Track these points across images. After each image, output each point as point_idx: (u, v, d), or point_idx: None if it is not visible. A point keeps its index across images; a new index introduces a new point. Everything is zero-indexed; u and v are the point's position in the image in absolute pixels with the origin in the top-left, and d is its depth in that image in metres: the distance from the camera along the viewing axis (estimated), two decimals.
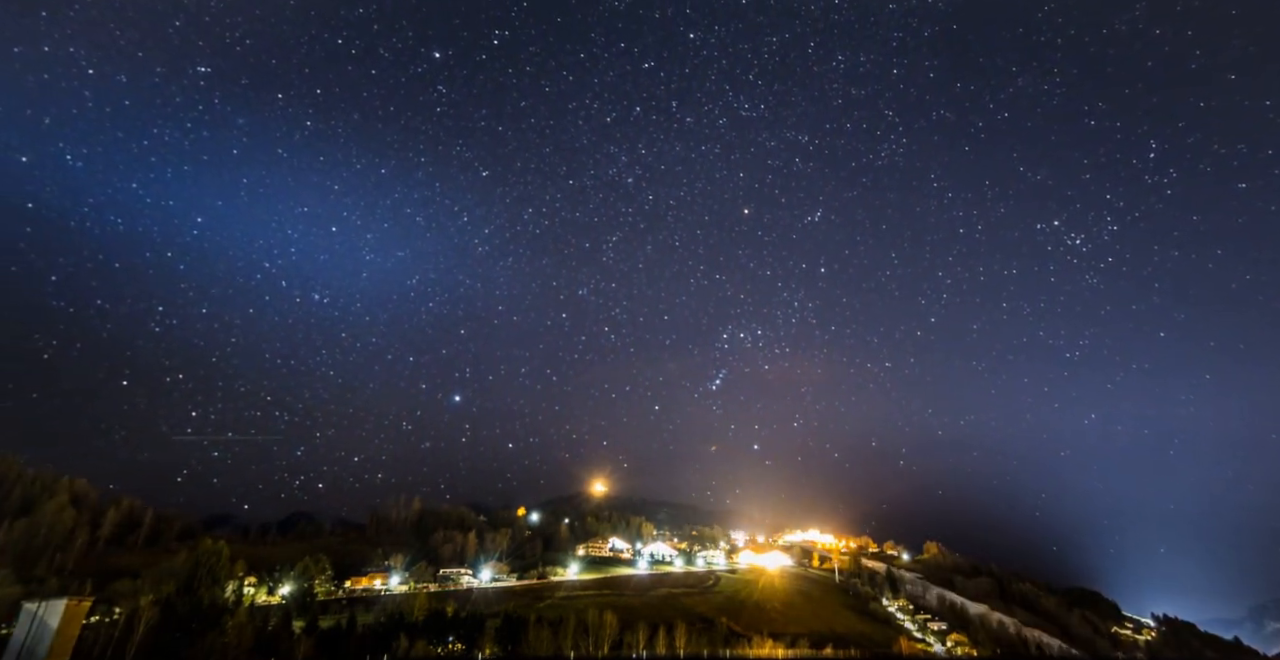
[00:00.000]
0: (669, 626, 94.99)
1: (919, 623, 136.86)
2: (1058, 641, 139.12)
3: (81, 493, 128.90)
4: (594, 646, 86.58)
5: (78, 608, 35.98)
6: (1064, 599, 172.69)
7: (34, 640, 34.12)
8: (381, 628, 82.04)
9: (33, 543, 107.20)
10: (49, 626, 34.30)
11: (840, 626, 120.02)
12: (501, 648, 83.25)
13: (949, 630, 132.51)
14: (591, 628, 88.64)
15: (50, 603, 35.44)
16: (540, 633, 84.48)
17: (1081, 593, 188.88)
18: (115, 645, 62.68)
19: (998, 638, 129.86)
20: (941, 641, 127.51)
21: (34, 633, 34.34)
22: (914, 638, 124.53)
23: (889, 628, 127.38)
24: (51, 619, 34.52)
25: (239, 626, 68.07)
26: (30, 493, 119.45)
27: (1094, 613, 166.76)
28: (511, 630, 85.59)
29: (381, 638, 78.53)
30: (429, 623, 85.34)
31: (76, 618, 36.10)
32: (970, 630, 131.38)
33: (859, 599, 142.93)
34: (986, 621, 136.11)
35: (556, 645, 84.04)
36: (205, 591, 67.05)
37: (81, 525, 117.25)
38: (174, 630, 63.78)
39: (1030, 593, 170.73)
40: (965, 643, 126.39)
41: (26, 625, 34.80)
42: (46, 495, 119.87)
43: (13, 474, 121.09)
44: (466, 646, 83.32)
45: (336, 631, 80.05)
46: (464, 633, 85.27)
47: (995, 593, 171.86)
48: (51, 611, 34.78)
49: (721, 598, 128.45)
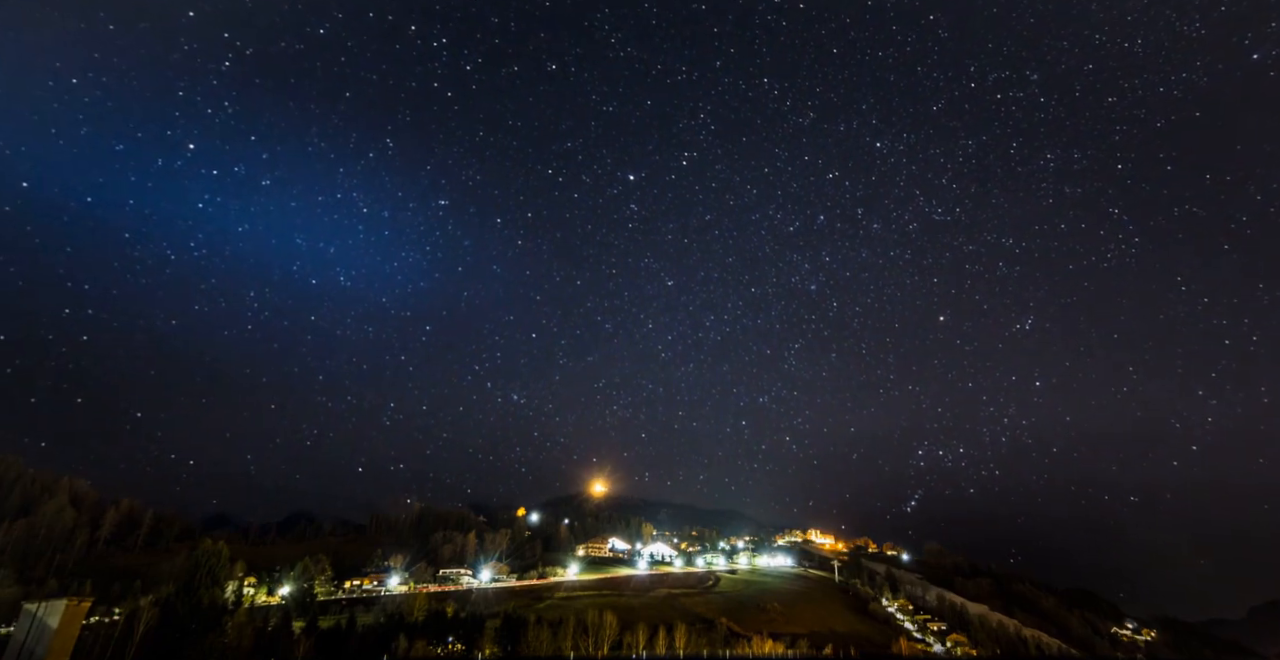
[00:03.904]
0: (669, 627, 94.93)
1: (919, 623, 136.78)
2: (1057, 642, 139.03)
3: (81, 493, 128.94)
4: (594, 647, 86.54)
5: (78, 608, 35.97)
6: (1064, 599, 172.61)
7: (34, 640, 34.12)
8: (381, 628, 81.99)
9: (33, 543, 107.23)
10: (49, 627, 34.29)
11: (840, 627, 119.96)
12: (501, 648, 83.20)
13: (949, 630, 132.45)
14: (591, 628, 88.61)
15: (50, 603, 35.43)
16: (540, 633, 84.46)
17: (1081, 593, 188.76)
18: (115, 645, 62.67)
19: (998, 638, 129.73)
20: (941, 642, 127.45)
21: (34, 633, 34.34)
22: (914, 638, 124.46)
23: (889, 628, 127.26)
24: (51, 619, 34.52)
25: (239, 627, 67.99)
26: (30, 493, 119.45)
27: (1094, 613, 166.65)
28: (511, 630, 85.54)
29: (381, 638, 78.49)
30: (429, 623, 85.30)
31: (76, 618, 36.09)
32: (970, 630, 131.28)
33: (859, 599, 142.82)
34: (986, 621, 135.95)
35: (556, 646, 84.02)
36: (205, 592, 66.87)
37: (81, 525, 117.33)
38: (174, 631, 63.67)
39: (1030, 593, 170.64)
40: (965, 643, 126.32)
41: (26, 625, 34.80)
42: (46, 495, 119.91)
43: (13, 474, 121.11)
44: (466, 647, 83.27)
45: (336, 632, 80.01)
46: (464, 633, 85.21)
47: (995, 593, 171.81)
48: (51, 612, 34.78)
49: (721, 598, 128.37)
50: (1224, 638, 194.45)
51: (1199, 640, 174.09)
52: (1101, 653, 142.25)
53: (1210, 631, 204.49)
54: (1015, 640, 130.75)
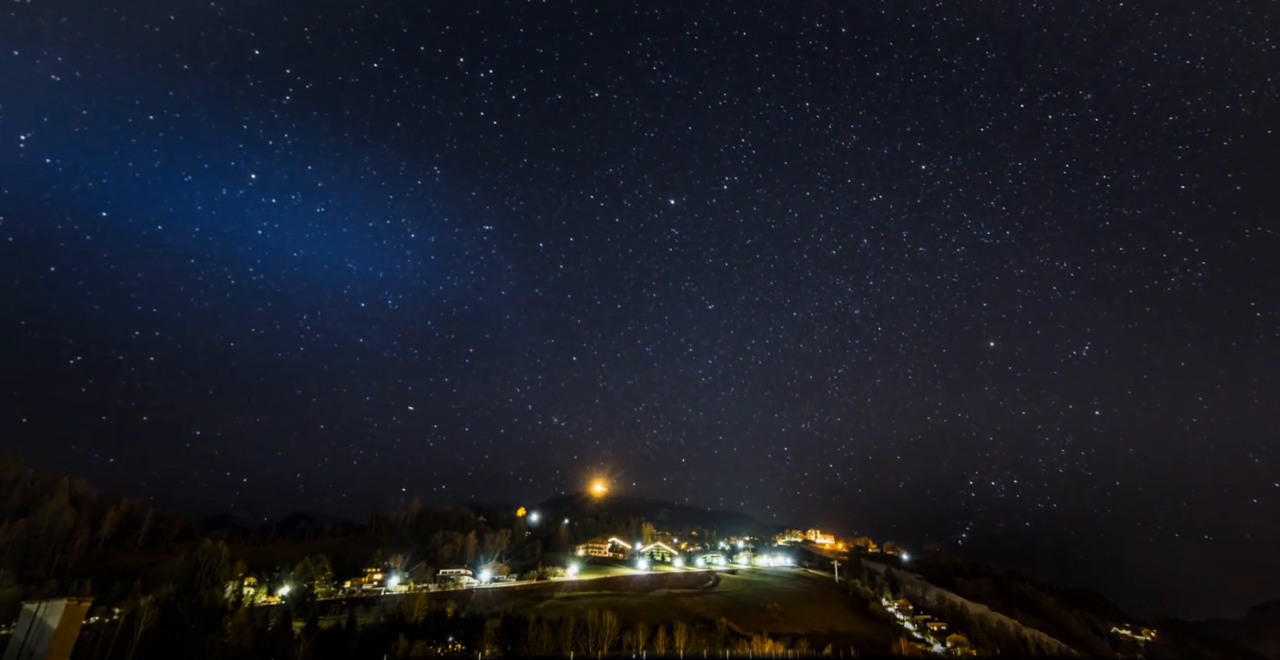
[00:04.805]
0: (669, 627, 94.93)
1: (919, 623, 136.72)
2: (1057, 642, 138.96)
3: (81, 493, 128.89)
4: (594, 647, 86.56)
5: (78, 608, 36.00)
6: (1064, 599, 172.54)
7: (34, 640, 34.13)
8: (381, 628, 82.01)
9: (33, 543, 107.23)
10: (49, 627, 34.31)
11: (840, 627, 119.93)
12: (501, 648, 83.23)
13: (949, 630, 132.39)
14: (591, 628, 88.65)
15: (50, 603, 35.45)
16: (540, 633, 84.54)
17: (1081, 593, 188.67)
18: (115, 645, 62.67)
19: (998, 638, 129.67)
20: (941, 642, 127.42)
21: (34, 633, 34.34)
22: (914, 638, 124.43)
23: (889, 628, 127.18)
24: (51, 619, 34.53)
25: (239, 627, 68.07)
26: (30, 493, 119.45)
27: (1093, 613, 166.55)
28: (511, 630, 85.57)
29: (381, 638, 78.53)
30: (429, 623, 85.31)
31: (76, 618, 36.12)
32: (970, 630, 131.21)
33: (859, 599, 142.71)
34: (986, 621, 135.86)
35: (556, 646, 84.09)
36: (205, 592, 66.95)
37: (81, 525, 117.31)
38: (174, 631, 63.71)
39: (1030, 593, 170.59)
40: (965, 643, 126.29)
41: (26, 625, 34.82)
42: (46, 495, 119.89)
43: (12, 474, 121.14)
44: (466, 647, 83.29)
45: (336, 632, 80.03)
46: (464, 633, 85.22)
47: (995, 593, 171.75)
48: (51, 612, 34.80)
49: (721, 598, 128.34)
50: (1224, 638, 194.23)
51: (1199, 640, 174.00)
52: (1101, 653, 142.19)
53: (1210, 631, 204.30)
54: (1015, 640, 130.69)
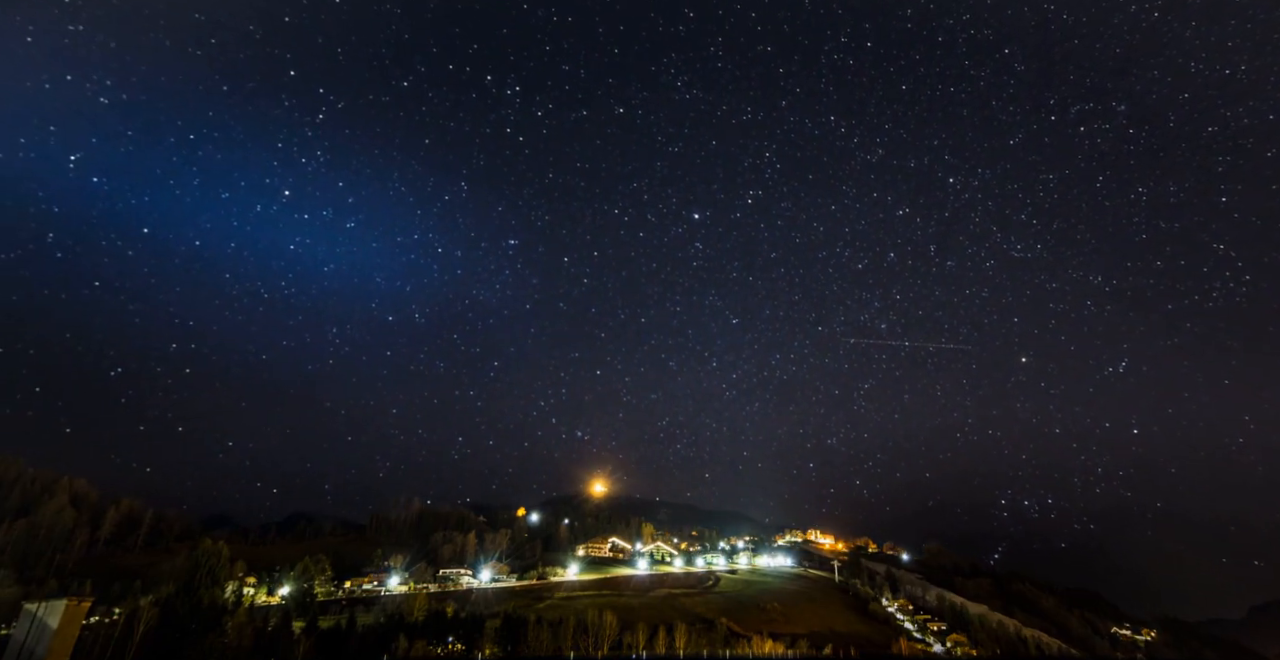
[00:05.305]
0: (669, 627, 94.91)
1: (919, 623, 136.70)
2: (1057, 642, 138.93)
3: (81, 493, 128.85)
4: (594, 647, 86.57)
5: (78, 608, 36.03)
6: (1064, 599, 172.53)
7: (34, 640, 34.15)
8: (381, 628, 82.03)
9: (33, 543, 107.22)
10: (49, 627, 34.33)
11: (840, 627, 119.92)
12: (501, 648, 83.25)
13: (949, 630, 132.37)
14: (591, 628, 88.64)
15: (50, 603, 35.48)
16: (540, 633, 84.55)
17: (1081, 593, 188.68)
18: (115, 645, 62.67)
19: (998, 638, 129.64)
20: (941, 642, 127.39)
21: (34, 633, 34.36)
22: (914, 638, 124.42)
23: (889, 628, 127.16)
24: (51, 619, 34.56)
25: (239, 627, 68.10)
26: (30, 493, 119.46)
27: (1093, 613, 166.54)
28: (511, 630, 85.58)
29: (381, 638, 78.55)
30: (429, 623, 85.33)
31: (76, 618, 36.14)
32: (970, 630, 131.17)
33: (859, 599, 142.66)
34: (986, 621, 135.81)
35: (556, 646, 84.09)
36: (205, 592, 67.01)
37: (81, 525, 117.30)
38: (174, 631, 63.75)
39: (1030, 593, 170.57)
40: (965, 643, 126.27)
41: (26, 625, 34.84)
42: (46, 495, 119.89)
43: (12, 474, 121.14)
44: (466, 647, 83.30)
45: (336, 632, 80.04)
46: (464, 633, 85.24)
47: (995, 593, 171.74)
48: (51, 612, 34.83)
49: (721, 598, 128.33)
50: (1224, 638, 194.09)
51: (1199, 640, 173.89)
52: (1101, 653, 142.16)
53: (1210, 631, 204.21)
54: (1015, 640, 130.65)
